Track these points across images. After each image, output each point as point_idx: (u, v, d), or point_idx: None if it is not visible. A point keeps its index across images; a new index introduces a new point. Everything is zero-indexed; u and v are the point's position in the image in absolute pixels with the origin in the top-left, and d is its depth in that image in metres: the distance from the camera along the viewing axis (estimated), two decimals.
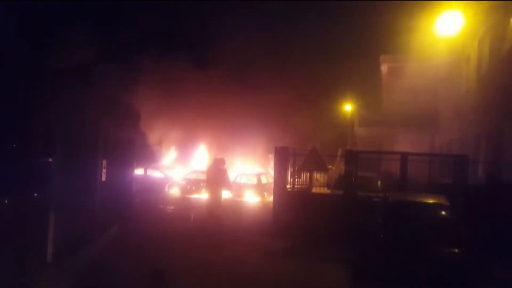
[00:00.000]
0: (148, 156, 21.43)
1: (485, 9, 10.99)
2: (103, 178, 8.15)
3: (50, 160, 6.87)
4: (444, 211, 7.08)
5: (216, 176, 12.78)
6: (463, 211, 7.48)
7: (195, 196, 18.20)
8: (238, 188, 18.45)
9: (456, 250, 6.43)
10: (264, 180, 18.86)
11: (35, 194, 8.28)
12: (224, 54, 23.36)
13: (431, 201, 7.40)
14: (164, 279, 6.37)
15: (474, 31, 13.30)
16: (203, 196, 16.93)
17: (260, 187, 18.43)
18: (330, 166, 16.17)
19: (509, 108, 10.90)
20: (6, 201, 8.42)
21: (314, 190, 11.27)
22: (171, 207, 14.80)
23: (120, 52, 21.61)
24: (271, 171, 17.53)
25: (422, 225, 6.82)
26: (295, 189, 11.26)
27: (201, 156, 24.79)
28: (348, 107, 29.53)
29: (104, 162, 8.10)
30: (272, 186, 12.17)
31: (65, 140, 6.54)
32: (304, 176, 11.61)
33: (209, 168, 13.35)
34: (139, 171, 18.17)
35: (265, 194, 18.00)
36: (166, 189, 19.34)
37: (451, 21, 10.56)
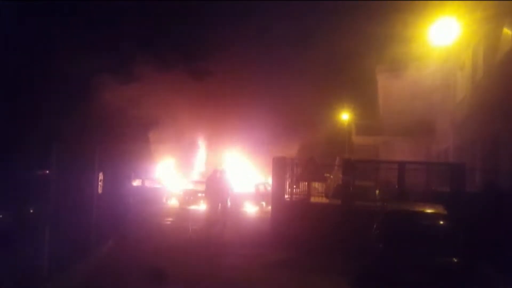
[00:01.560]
0: (146, 167, 21.40)
1: (478, 20, 11.12)
2: (100, 191, 8.12)
3: (47, 172, 6.84)
4: (442, 220, 7.06)
5: (218, 186, 12.78)
6: (461, 220, 7.47)
7: (193, 207, 18.12)
8: (237, 198, 18.38)
9: (455, 260, 6.41)
10: (262, 189, 18.82)
11: (31, 210, 8.22)
12: (223, 65, 23.49)
13: (429, 210, 7.39)
14: None
15: (468, 40, 13.42)
16: (201, 207, 16.87)
17: (258, 197, 18.38)
18: (328, 175, 16.17)
19: (504, 115, 10.96)
20: (1, 216, 8.35)
21: (312, 199, 11.26)
22: (169, 219, 14.73)
23: (118, 66, 21.69)
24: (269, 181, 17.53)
25: (420, 235, 6.79)
26: (294, 199, 11.24)
27: (200, 166, 24.77)
28: (345, 116, 29.63)
29: (101, 175, 8.07)
30: (270, 195, 12.14)
31: (62, 153, 6.52)
32: (302, 185, 11.60)
33: (209, 179, 13.32)
34: (136, 182, 18.12)
35: (264, 203, 17.95)
36: (164, 200, 19.27)
37: (445, 30, 10.69)
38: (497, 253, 7.66)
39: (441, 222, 7.05)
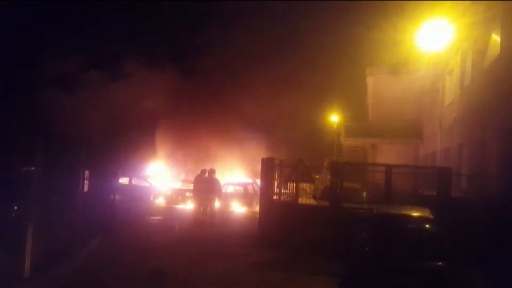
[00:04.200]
0: (133, 165, 21.17)
1: (468, 25, 11.25)
2: (85, 189, 8.00)
3: (32, 169, 6.71)
4: (428, 224, 7.10)
5: (206, 186, 12.77)
6: (447, 224, 7.53)
7: (180, 206, 18.02)
8: (225, 198, 18.33)
9: (440, 263, 6.45)
10: (251, 190, 18.79)
11: (15, 207, 8.06)
12: (210, 66, 23.41)
13: (415, 214, 7.43)
14: None
15: (457, 45, 13.58)
16: (188, 206, 16.78)
17: (247, 197, 18.35)
18: (317, 176, 16.19)
19: (491, 120, 11.11)
20: None
21: (300, 201, 11.25)
22: (156, 218, 14.60)
23: (105, 62, 21.47)
24: (258, 181, 17.50)
25: (406, 238, 6.82)
26: (282, 200, 11.23)
27: (187, 166, 24.61)
28: (334, 118, 29.79)
29: (87, 173, 7.95)
30: (259, 196, 12.12)
31: (46, 150, 6.40)
32: (291, 186, 11.59)
33: (197, 179, 13.29)
34: (124, 180, 17.91)
35: (252, 204, 17.92)
36: (152, 199, 19.09)
37: (434, 35, 10.79)
38: (483, 257, 7.75)
39: (427, 226, 7.08)
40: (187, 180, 20.10)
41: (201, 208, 12.85)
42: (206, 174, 13.18)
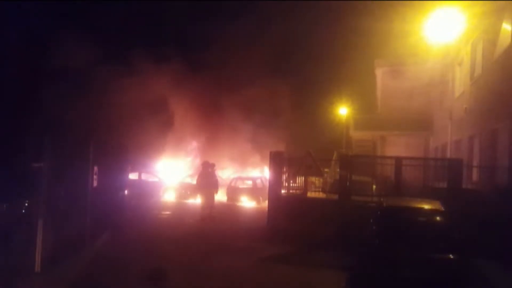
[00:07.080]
0: (143, 160, 21.29)
1: (478, 14, 11.03)
2: (95, 184, 8.05)
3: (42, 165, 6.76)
4: (438, 216, 7.02)
5: (207, 180, 12.86)
6: (458, 216, 7.45)
7: (190, 200, 18.10)
8: (234, 192, 18.37)
9: (451, 256, 6.38)
10: (259, 183, 18.79)
11: (26, 201, 8.15)
12: (217, 58, 23.36)
13: (425, 206, 7.35)
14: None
15: (467, 35, 13.35)
16: (198, 200, 16.84)
17: (255, 191, 18.35)
18: (326, 169, 16.15)
19: (502, 111, 10.93)
20: None
21: (309, 194, 11.24)
22: (166, 213, 14.69)
23: (112, 56, 21.55)
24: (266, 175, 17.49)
25: (416, 231, 6.76)
26: (290, 194, 11.22)
27: (194, 160, 24.71)
28: (343, 111, 29.58)
29: (96, 168, 8.00)
30: (267, 190, 12.12)
31: (56, 146, 6.45)
32: (299, 180, 11.57)
33: (200, 172, 13.37)
34: (133, 175, 18.03)
35: (261, 198, 17.93)
36: (161, 194, 19.21)
37: (444, 26, 10.61)
38: (494, 249, 7.67)
39: (438, 218, 7.01)
40: (196, 174, 20.16)
41: (206, 202, 12.95)
42: (209, 168, 13.27)
